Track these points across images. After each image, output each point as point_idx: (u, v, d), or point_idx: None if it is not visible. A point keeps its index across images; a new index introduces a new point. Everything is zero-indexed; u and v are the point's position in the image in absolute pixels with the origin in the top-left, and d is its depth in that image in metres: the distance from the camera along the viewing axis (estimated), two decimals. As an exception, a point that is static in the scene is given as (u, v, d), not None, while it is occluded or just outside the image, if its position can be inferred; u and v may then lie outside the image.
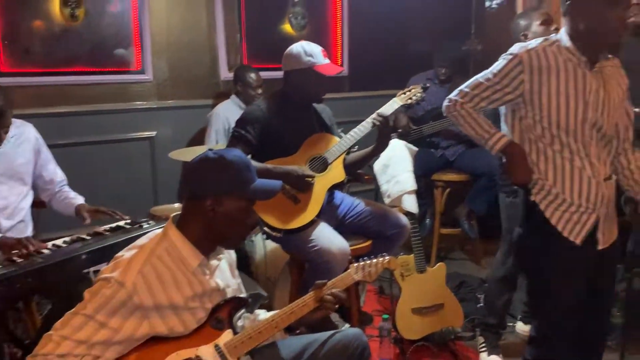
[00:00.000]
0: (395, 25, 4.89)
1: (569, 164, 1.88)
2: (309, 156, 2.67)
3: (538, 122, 1.88)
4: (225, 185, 1.63)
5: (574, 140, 1.86)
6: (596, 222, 1.91)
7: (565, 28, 1.90)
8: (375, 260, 1.97)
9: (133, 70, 3.93)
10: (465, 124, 2.00)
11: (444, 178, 4.12)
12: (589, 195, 1.87)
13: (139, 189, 3.90)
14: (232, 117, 3.27)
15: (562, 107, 1.84)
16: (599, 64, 1.87)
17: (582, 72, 1.84)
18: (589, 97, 1.84)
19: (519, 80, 1.87)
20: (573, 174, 1.87)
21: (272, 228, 2.56)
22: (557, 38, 1.90)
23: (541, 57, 1.85)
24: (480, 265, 4.17)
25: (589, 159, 1.87)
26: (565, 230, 1.89)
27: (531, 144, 1.93)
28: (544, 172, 1.91)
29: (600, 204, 1.89)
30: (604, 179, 1.90)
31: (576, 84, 1.83)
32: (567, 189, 1.88)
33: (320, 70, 2.61)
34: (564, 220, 1.89)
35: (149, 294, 1.56)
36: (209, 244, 1.69)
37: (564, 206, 1.89)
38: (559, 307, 1.95)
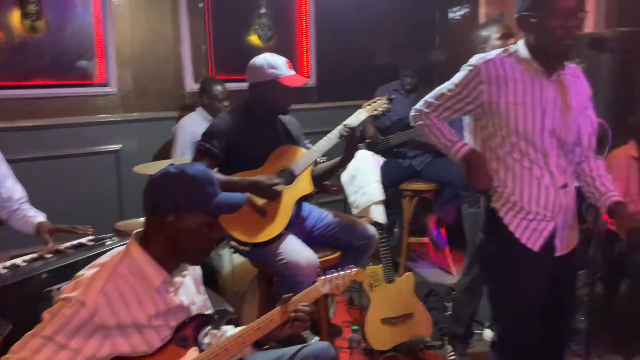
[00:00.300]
0: (361, 36, 4.93)
1: (528, 173, 1.92)
2: (276, 168, 2.66)
3: (498, 131, 1.92)
4: (187, 200, 1.61)
5: (533, 149, 1.90)
6: (554, 229, 1.94)
7: (522, 42, 1.94)
8: (343, 273, 1.97)
9: (96, 82, 3.86)
10: (430, 133, 2.05)
11: (411, 187, 4.15)
12: (547, 203, 1.92)
13: (103, 203, 3.83)
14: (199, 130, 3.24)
15: (519, 116, 1.87)
16: (556, 73, 1.91)
17: (540, 82, 1.89)
18: (546, 105, 1.88)
19: (478, 91, 1.92)
20: (531, 182, 1.91)
21: (239, 242, 2.54)
22: (515, 49, 1.95)
23: (499, 68, 1.90)
24: (448, 273, 4.20)
25: (548, 168, 1.91)
26: (523, 237, 1.94)
27: (492, 153, 1.97)
28: (504, 180, 1.95)
29: (558, 211, 1.93)
30: (561, 187, 1.93)
31: (533, 93, 1.87)
32: (525, 197, 1.92)
33: (285, 81, 2.60)
34: (522, 227, 1.94)
35: (111, 313, 1.53)
36: (172, 261, 1.66)
37: (522, 214, 1.93)
38: (518, 312, 2.00)
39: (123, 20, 3.87)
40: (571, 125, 1.93)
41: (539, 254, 1.94)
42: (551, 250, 1.96)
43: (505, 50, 1.96)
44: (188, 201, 1.61)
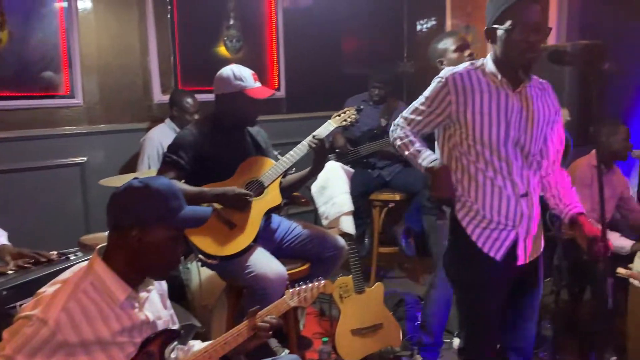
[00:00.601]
0: (330, 47, 4.97)
1: (490, 182, 1.96)
2: (244, 180, 2.65)
3: (464, 140, 1.97)
4: (151, 214, 1.59)
5: (497, 158, 1.94)
6: (515, 239, 1.98)
7: (490, 54, 2.00)
8: (311, 285, 1.98)
9: (62, 94, 3.79)
10: (401, 145, 2.10)
11: (381, 197, 4.19)
12: (508, 212, 1.96)
13: (69, 217, 3.76)
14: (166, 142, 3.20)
15: (485, 125, 1.92)
16: (522, 85, 1.96)
17: (505, 93, 1.93)
18: (510, 116, 1.93)
19: (446, 102, 1.97)
20: (493, 191, 1.96)
21: (207, 255, 2.51)
22: (482, 63, 2.00)
23: (465, 79, 1.95)
24: (418, 283, 4.23)
25: (511, 177, 1.95)
26: (485, 247, 1.98)
27: (457, 162, 2.01)
28: (467, 189, 1.99)
29: (519, 221, 1.97)
30: (521, 195, 1.97)
31: (499, 104, 1.92)
32: (487, 206, 1.96)
33: (251, 93, 2.60)
34: (484, 237, 1.98)
35: (73, 331, 1.49)
36: (136, 276, 1.63)
37: (484, 223, 1.97)
38: (480, 319, 2.04)
39: (89, 30, 3.82)
40: (536, 136, 1.98)
41: (500, 263, 1.98)
42: (513, 259, 1.99)
43: (472, 63, 2.02)
44: (152, 215, 1.59)
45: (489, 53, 2.01)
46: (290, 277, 2.52)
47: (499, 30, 1.88)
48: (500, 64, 1.94)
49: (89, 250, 2.44)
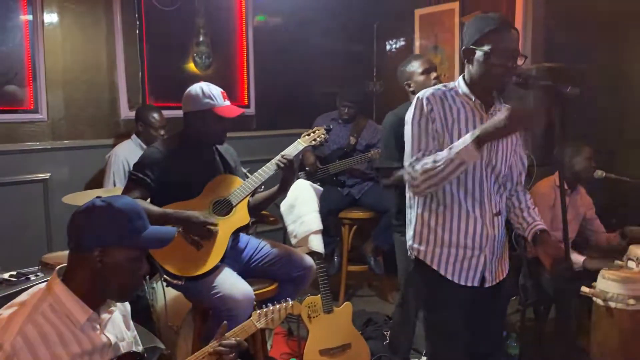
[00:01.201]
0: (300, 66, 4.99)
1: (458, 205, 1.96)
2: (212, 199, 2.62)
3: None
4: (114, 235, 1.55)
5: (471, 179, 1.95)
6: (485, 262, 2.00)
7: (463, 74, 2.02)
8: (278, 306, 1.96)
9: (26, 109, 3.72)
10: (434, 175, 1.87)
11: (350, 216, 4.19)
12: (475, 235, 1.97)
13: (30, 235, 3.66)
14: (132, 158, 3.16)
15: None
16: (493, 107, 1.99)
17: (479, 114, 1.96)
18: None
19: (432, 118, 1.93)
20: (460, 214, 1.96)
21: (172, 276, 2.47)
22: (454, 85, 2.02)
23: (444, 99, 1.95)
24: (387, 301, 4.23)
25: (482, 199, 1.96)
26: (457, 279, 1.99)
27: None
28: (433, 214, 1.98)
29: (486, 243, 1.98)
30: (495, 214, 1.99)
31: (474, 125, 1.94)
32: (455, 229, 1.97)
33: (220, 112, 2.58)
34: (455, 270, 1.99)
35: (30, 356, 1.45)
36: (98, 297, 1.59)
37: (452, 257, 1.98)
38: (445, 339, 2.04)
39: (55, 45, 3.76)
40: (505, 158, 2.01)
41: (466, 287, 1.99)
42: (482, 282, 2.01)
43: (444, 85, 2.03)
44: (115, 235, 1.55)
45: (460, 75, 2.03)
46: (257, 297, 2.49)
47: (478, 52, 1.90)
48: (474, 85, 1.96)
49: (50, 270, 2.38)
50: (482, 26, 1.91)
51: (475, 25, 1.94)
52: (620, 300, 2.76)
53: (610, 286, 2.78)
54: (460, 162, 1.81)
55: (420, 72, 2.87)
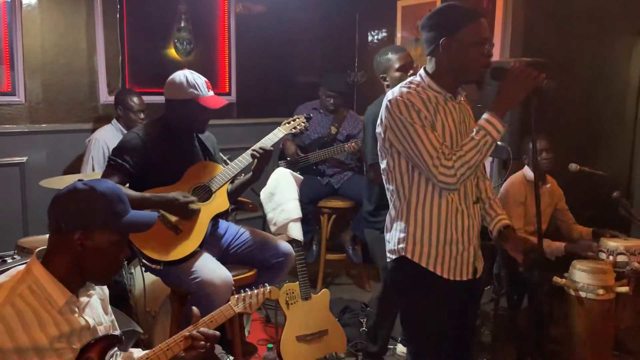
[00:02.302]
0: (282, 54, 4.99)
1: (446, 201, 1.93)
2: (191, 185, 2.62)
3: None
4: (95, 218, 1.55)
5: None
6: (474, 252, 2.00)
7: (426, 67, 1.98)
8: (256, 291, 1.98)
9: (2, 91, 3.67)
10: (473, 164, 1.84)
11: (329, 205, 4.23)
12: (463, 227, 1.96)
13: (6, 219, 3.62)
14: (112, 143, 3.14)
15: (447, 136, 1.91)
16: (459, 97, 2.00)
17: (452, 105, 1.96)
18: (460, 126, 1.96)
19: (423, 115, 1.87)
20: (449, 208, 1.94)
21: (151, 260, 2.47)
22: (417, 81, 1.97)
23: (421, 93, 1.91)
24: (364, 289, 4.28)
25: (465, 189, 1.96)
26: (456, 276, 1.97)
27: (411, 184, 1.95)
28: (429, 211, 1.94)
29: (473, 233, 1.99)
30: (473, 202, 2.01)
31: (452, 115, 1.94)
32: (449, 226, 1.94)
33: (204, 102, 2.57)
34: (452, 269, 1.96)
35: (8, 337, 1.45)
36: (77, 280, 1.60)
37: (447, 255, 1.95)
38: (430, 334, 2.02)
39: (33, 27, 3.70)
40: None
41: (454, 281, 1.97)
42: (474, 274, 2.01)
43: (410, 82, 1.97)
44: (96, 219, 1.55)
45: (421, 69, 1.99)
46: (236, 283, 2.51)
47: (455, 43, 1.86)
48: (441, 77, 1.93)
49: (26, 254, 2.38)
50: (460, 17, 1.88)
51: (451, 15, 1.90)
52: (590, 290, 2.84)
53: (581, 277, 2.86)
54: (491, 141, 1.83)
55: (396, 68, 2.86)
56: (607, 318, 2.87)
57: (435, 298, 1.98)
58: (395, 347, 3.28)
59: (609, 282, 2.84)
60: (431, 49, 1.95)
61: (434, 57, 1.96)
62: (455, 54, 1.90)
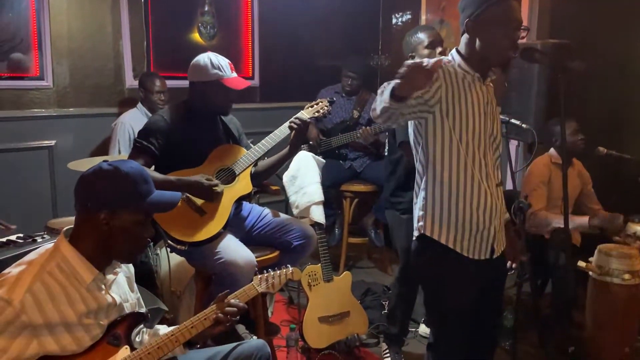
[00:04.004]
0: (305, 38, 4.97)
1: (471, 178, 1.93)
2: (216, 168, 2.65)
3: (452, 132, 1.90)
4: (120, 198, 1.59)
5: (477, 149, 1.93)
6: (495, 233, 1.99)
7: (459, 47, 1.99)
8: (279, 272, 2.00)
9: (31, 76, 3.75)
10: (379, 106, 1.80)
11: (352, 189, 4.23)
12: (486, 207, 1.95)
13: (36, 201, 3.71)
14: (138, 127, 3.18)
15: (470, 115, 1.91)
16: (488, 79, 1.99)
17: (479, 85, 1.95)
18: (487, 108, 1.95)
19: (437, 86, 1.87)
20: (473, 187, 1.93)
21: (176, 241, 2.51)
22: (449, 59, 1.98)
23: (447, 69, 1.90)
24: (386, 273, 4.29)
25: (487, 169, 1.96)
26: (475, 254, 1.97)
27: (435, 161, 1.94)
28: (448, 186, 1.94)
29: (495, 214, 1.98)
30: (497, 185, 2.00)
31: (478, 96, 1.93)
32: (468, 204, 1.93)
33: (228, 83, 2.59)
34: (471, 247, 1.96)
35: (38, 312, 1.50)
36: (103, 258, 1.64)
37: (467, 232, 1.95)
38: (452, 317, 2.02)
39: (60, 12, 3.76)
40: (497, 128, 2.02)
41: (476, 260, 1.98)
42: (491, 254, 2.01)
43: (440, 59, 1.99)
44: (121, 198, 1.59)
45: (454, 49, 1.99)
46: (259, 264, 2.53)
47: (483, 24, 1.86)
48: (473, 58, 1.93)
49: (55, 235, 2.43)
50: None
51: None
52: (616, 275, 2.80)
53: (607, 261, 2.82)
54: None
55: (425, 45, 2.83)
56: (633, 303, 2.83)
57: (455, 276, 1.98)
58: (417, 329, 3.29)
59: (636, 266, 2.80)
60: (462, 31, 1.96)
61: (463, 39, 1.96)
62: (481, 35, 1.90)
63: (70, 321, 1.55)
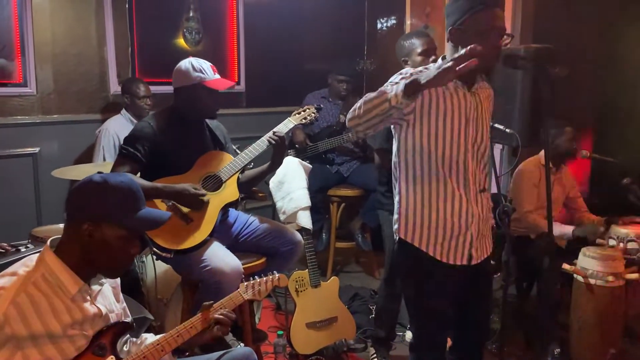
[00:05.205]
0: (291, 43, 4.98)
1: (443, 184, 1.96)
2: (202, 174, 2.64)
3: (424, 137, 1.93)
4: (104, 210, 1.57)
5: (456, 156, 1.95)
6: (471, 240, 2.01)
7: (446, 54, 2.01)
8: (265, 279, 2.00)
9: (14, 82, 3.71)
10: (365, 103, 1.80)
11: (339, 193, 4.24)
12: (460, 212, 1.97)
13: (20, 209, 3.66)
14: (122, 133, 3.17)
15: (447, 121, 1.93)
16: (475, 85, 2.01)
17: (463, 93, 1.96)
18: (469, 114, 1.96)
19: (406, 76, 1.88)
20: (446, 192, 1.96)
21: (162, 249, 2.50)
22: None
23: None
24: (374, 277, 4.31)
25: (465, 176, 1.97)
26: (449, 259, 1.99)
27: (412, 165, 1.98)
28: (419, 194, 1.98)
29: (472, 220, 2.00)
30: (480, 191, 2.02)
31: (459, 102, 1.94)
32: (441, 209, 1.96)
33: (210, 85, 2.60)
34: (445, 251, 1.99)
35: (22, 324, 1.48)
36: (88, 270, 1.62)
37: (440, 237, 1.97)
38: (432, 318, 2.06)
39: (43, 18, 3.73)
40: (484, 135, 2.03)
41: (452, 265, 2.00)
42: (469, 260, 2.03)
43: (426, 68, 1.97)
44: (105, 211, 1.57)
45: (440, 57, 2.02)
46: (246, 271, 2.53)
47: (465, 32, 1.88)
48: None
49: (40, 243, 2.41)
50: (470, 5, 1.89)
51: (462, 5, 1.92)
52: (600, 277, 2.84)
53: (591, 263, 2.86)
54: (385, 99, 1.73)
55: (419, 52, 2.85)
56: (617, 305, 2.87)
57: (433, 281, 2.01)
58: (405, 334, 3.30)
59: (619, 268, 2.84)
60: (447, 37, 1.98)
61: (448, 46, 1.98)
62: (464, 43, 1.90)
63: (55, 332, 1.54)
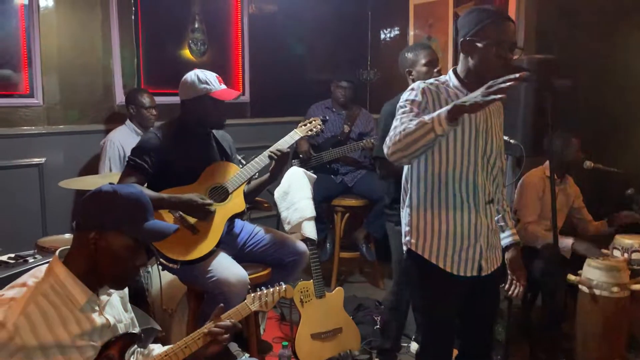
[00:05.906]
0: (295, 54, 5.01)
1: (453, 195, 1.97)
2: (209, 185, 2.66)
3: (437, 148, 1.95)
4: (110, 220, 1.58)
5: (466, 168, 1.97)
6: (480, 251, 2.02)
7: (457, 66, 2.03)
8: (272, 290, 2.01)
9: (21, 93, 3.73)
10: (405, 136, 1.81)
11: (343, 203, 4.25)
12: (470, 224, 1.98)
13: (26, 219, 3.67)
14: (127, 143, 3.19)
15: (458, 134, 1.95)
16: None
17: None
18: (478, 126, 1.98)
19: (423, 108, 1.94)
20: (455, 203, 1.98)
21: (168, 259, 2.51)
22: (445, 79, 2.03)
23: (439, 92, 1.97)
24: (378, 287, 4.30)
25: (475, 188, 1.98)
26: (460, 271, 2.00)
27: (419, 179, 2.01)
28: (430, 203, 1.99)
29: (480, 232, 2.01)
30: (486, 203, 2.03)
31: (469, 115, 1.94)
32: (451, 220, 1.97)
33: (217, 95, 2.62)
34: (455, 264, 2.00)
35: (32, 335, 1.49)
36: (95, 280, 1.63)
37: (450, 249, 1.99)
38: (438, 326, 2.08)
39: (50, 29, 3.76)
40: (494, 146, 2.05)
41: (462, 277, 2.01)
42: (479, 271, 2.03)
43: (436, 80, 2.04)
44: (111, 221, 1.58)
45: (451, 69, 2.04)
46: (251, 282, 2.54)
47: (479, 44, 1.91)
48: (469, 77, 1.97)
49: (46, 253, 2.42)
50: (481, 18, 1.92)
51: (474, 17, 1.95)
52: (604, 288, 2.83)
53: (596, 274, 2.86)
54: (430, 129, 1.74)
55: (423, 63, 2.86)
56: (621, 316, 2.86)
57: (442, 292, 2.03)
58: (410, 345, 3.29)
59: (624, 279, 2.84)
60: (459, 50, 2.00)
61: (460, 58, 2.02)
62: (474, 54, 1.95)
63: (64, 343, 1.54)
